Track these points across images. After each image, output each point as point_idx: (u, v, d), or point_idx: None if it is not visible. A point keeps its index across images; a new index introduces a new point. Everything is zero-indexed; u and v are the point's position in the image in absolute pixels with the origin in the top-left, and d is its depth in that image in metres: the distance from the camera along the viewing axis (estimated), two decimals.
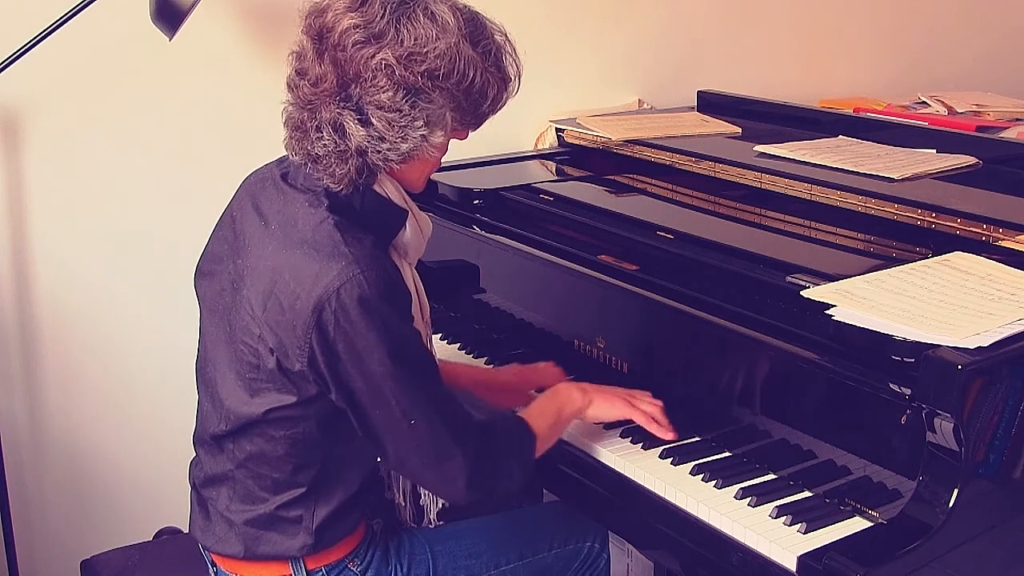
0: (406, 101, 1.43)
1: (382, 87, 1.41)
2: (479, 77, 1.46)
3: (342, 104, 1.43)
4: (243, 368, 1.52)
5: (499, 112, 1.58)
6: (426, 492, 1.79)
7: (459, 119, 1.50)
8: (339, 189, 1.49)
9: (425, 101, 1.44)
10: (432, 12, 1.44)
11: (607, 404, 1.71)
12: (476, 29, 1.49)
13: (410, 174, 1.56)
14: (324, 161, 1.46)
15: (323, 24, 1.44)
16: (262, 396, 1.51)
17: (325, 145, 1.44)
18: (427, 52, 1.42)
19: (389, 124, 1.43)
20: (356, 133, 1.43)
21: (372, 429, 1.49)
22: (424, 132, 1.46)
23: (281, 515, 1.57)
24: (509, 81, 1.53)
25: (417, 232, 1.61)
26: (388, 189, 1.54)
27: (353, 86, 1.42)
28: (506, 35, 1.54)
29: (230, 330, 1.54)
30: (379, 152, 1.45)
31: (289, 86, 1.49)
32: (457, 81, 1.45)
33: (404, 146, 1.45)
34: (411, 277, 1.61)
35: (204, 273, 1.63)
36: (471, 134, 1.60)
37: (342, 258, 1.42)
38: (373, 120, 1.43)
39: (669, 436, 1.70)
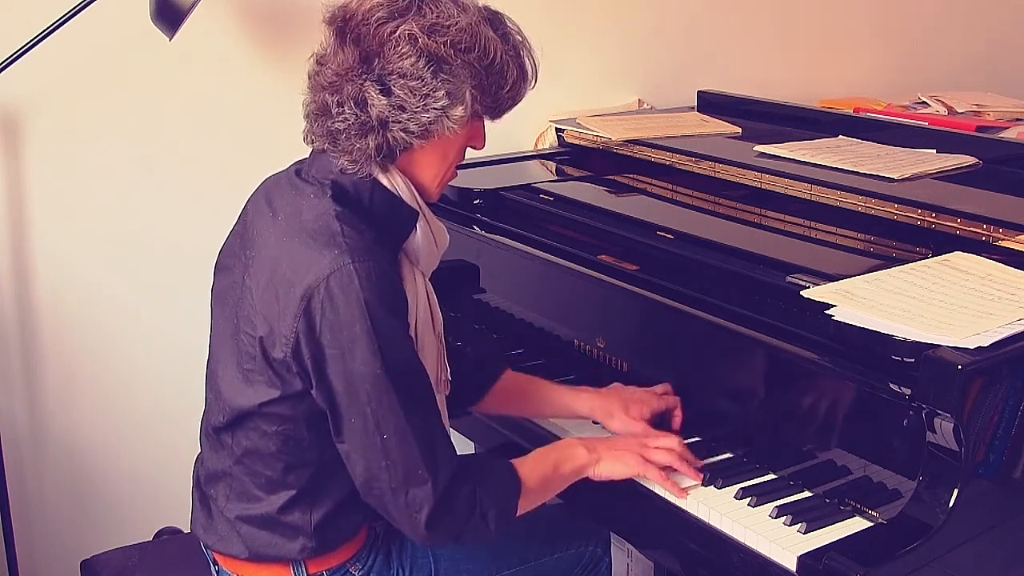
0: (428, 69, 1.43)
1: (405, 54, 1.42)
2: (500, 57, 1.48)
3: (364, 77, 1.43)
4: (242, 359, 1.52)
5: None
6: None
7: (480, 100, 1.49)
8: (355, 170, 1.49)
9: (447, 73, 1.44)
10: None
11: (619, 463, 1.61)
12: (496, 19, 1.52)
13: (425, 167, 1.54)
14: (343, 136, 1.46)
15: (347, 12, 1.47)
16: (255, 387, 1.51)
17: (345, 119, 1.44)
18: (449, 25, 1.44)
19: (411, 92, 1.43)
20: (377, 103, 1.43)
21: (344, 438, 1.47)
22: (445, 104, 1.45)
23: (279, 518, 1.56)
24: (527, 74, 1.54)
25: (429, 239, 1.58)
26: (398, 186, 1.52)
27: (375, 59, 1.43)
28: (524, 36, 1.56)
29: (235, 322, 1.55)
30: (399, 123, 1.44)
31: (310, 76, 1.50)
32: (479, 56, 1.46)
33: (424, 117, 1.44)
34: (423, 288, 1.58)
35: (220, 268, 1.64)
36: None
37: (336, 247, 1.42)
38: (395, 89, 1.43)
39: (683, 495, 1.59)
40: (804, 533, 1.47)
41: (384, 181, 1.51)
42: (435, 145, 1.51)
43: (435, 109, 1.45)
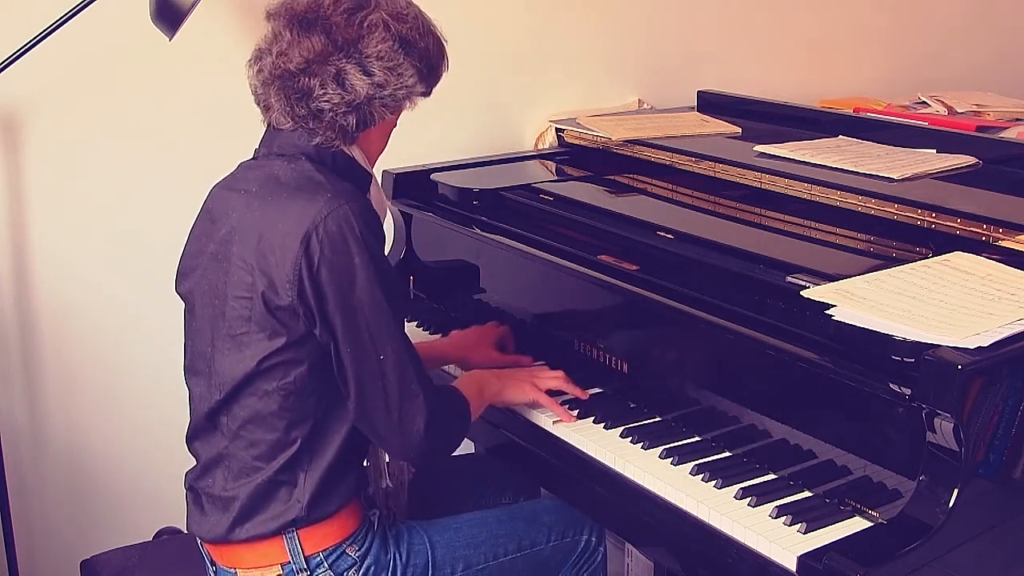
0: (400, 51, 1.59)
1: (382, 38, 1.58)
2: (437, 41, 1.67)
3: (344, 60, 1.57)
4: (234, 327, 1.58)
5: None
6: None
7: (426, 75, 1.65)
8: (331, 145, 1.61)
9: (411, 55, 1.61)
10: None
11: (517, 390, 1.84)
12: (423, 12, 1.68)
13: (374, 141, 1.69)
14: (328, 115, 1.58)
15: (303, 7, 1.59)
16: (253, 347, 1.57)
17: (330, 99, 1.57)
18: (407, 14, 1.62)
19: (388, 71, 1.58)
20: (361, 83, 1.57)
21: (343, 367, 1.56)
22: (413, 80, 1.61)
23: (277, 479, 1.60)
24: (447, 59, 1.71)
25: (380, 201, 1.72)
26: (355, 153, 1.66)
27: (351, 47, 1.57)
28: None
29: (218, 301, 1.60)
30: (380, 99, 1.59)
31: (265, 68, 1.60)
32: (428, 39, 1.64)
33: (399, 93, 1.61)
34: None
35: (185, 272, 1.71)
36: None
37: (327, 192, 1.55)
38: (374, 70, 1.57)
39: (570, 417, 1.81)
40: (804, 533, 1.47)
41: (345, 150, 1.65)
42: (386, 123, 1.66)
43: (407, 86, 1.61)
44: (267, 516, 1.61)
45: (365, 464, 1.73)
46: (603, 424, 1.80)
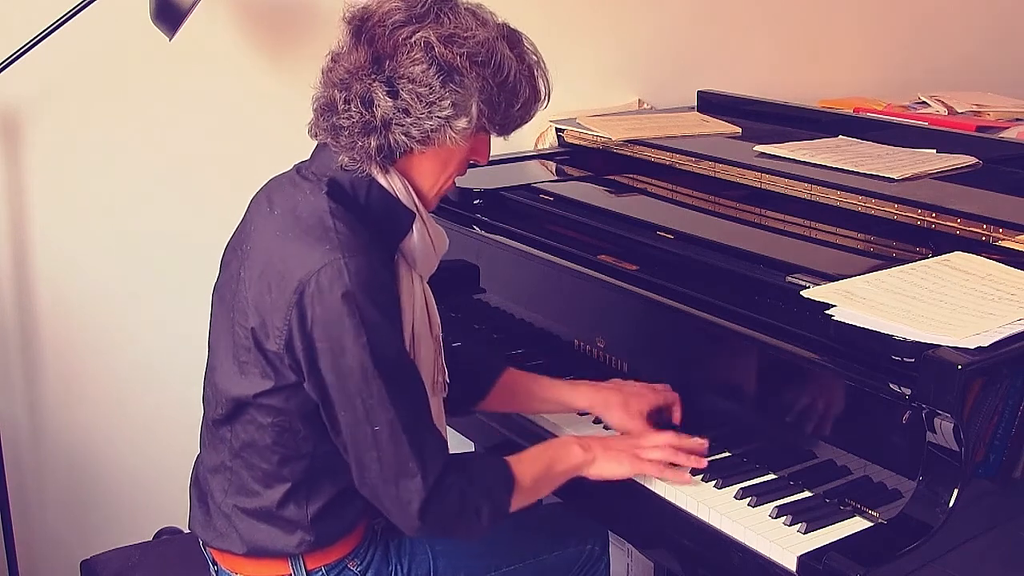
0: (438, 78, 1.44)
1: (417, 60, 1.43)
2: (513, 75, 1.49)
3: (374, 77, 1.45)
4: (238, 351, 1.54)
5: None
6: None
7: (487, 114, 1.49)
8: (355, 168, 1.50)
9: (456, 84, 1.45)
10: (474, 11, 1.50)
11: (613, 463, 1.62)
12: (514, 37, 1.53)
13: (424, 174, 1.54)
14: (346, 132, 1.47)
15: (365, 12, 1.48)
16: (250, 379, 1.52)
17: (351, 116, 1.46)
18: (467, 37, 1.45)
19: (417, 97, 1.44)
20: (383, 104, 1.44)
21: (338, 431, 1.49)
22: (449, 113, 1.45)
23: (276, 512, 1.57)
24: (539, 94, 1.56)
25: (426, 242, 1.58)
26: (396, 187, 1.53)
27: (387, 61, 1.45)
28: (540, 57, 1.57)
29: (231, 314, 1.56)
30: (402, 126, 1.45)
31: (324, 72, 1.52)
32: (493, 71, 1.47)
33: (428, 124, 1.45)
34: (420, 290, 1.59)
35: (222, 265, 1.65)
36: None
37: (328, 242, 1.44)
38: (402, 93, 1.44)
39: (687, 479, 1.62)
40: (804, 533, 1.47)
41: (382, 181, 1.52)
42: (436, 153, 1.52)
43: (439, 117, 1.45)
44: (270, 541, 1.58)
45: None
46: (602, 424, 1.80)
